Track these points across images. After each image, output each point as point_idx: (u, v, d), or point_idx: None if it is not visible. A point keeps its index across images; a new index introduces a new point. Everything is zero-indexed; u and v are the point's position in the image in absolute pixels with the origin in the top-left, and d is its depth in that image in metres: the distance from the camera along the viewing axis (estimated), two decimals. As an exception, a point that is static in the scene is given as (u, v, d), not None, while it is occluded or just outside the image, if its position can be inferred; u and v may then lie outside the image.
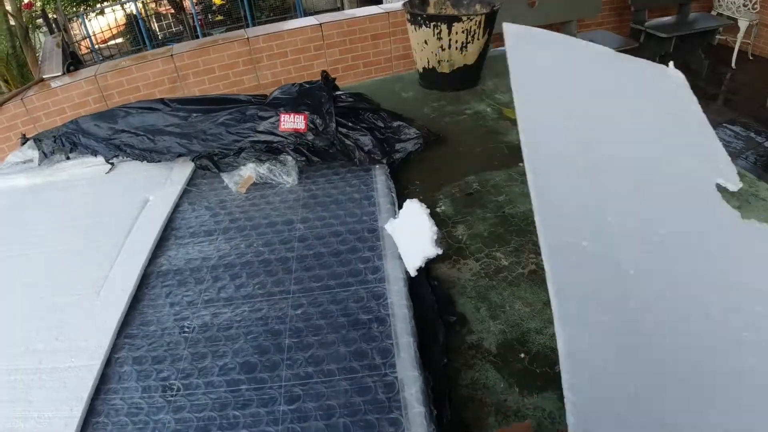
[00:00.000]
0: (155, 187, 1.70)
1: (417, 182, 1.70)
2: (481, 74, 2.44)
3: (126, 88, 3.09)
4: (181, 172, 1.74)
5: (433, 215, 1.52)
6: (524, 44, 1.52)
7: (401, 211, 1.41)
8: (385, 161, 1.63)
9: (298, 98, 1.66)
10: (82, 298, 1.34)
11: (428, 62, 2.29)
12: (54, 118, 3.00)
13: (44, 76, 3.18)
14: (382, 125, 1.69)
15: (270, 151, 1.61)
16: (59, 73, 3.16)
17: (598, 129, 1.31)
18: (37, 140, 2.03)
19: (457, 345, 1.20)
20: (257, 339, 1.19)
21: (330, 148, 1.61)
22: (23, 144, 2.10)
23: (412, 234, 1.36)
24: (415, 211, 1.38)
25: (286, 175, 1.58)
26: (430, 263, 1.36)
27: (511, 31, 1.52)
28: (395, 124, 1.69)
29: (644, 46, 4.21)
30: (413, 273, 1.30)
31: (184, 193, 1.66)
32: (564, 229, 0.98)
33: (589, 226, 1.01)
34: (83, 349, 1.22)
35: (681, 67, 1.72)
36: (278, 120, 1.61)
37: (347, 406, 1.05)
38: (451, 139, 1.94)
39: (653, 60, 1.71)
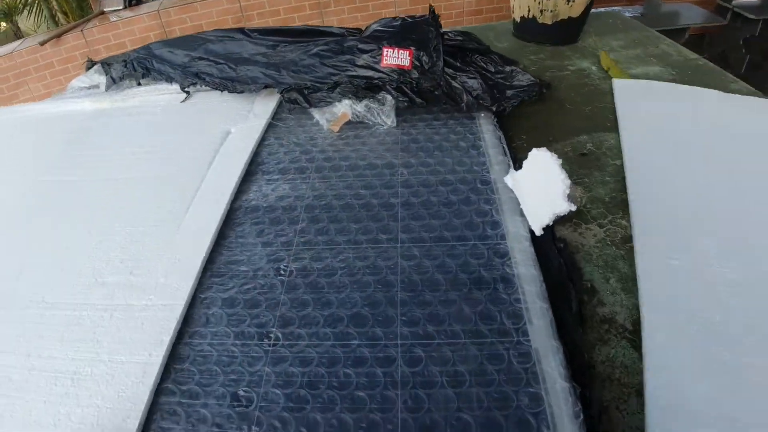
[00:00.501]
0: (236, 120, 1.55)
1: (523, 136, 1.50)
2: (582, 31, 2.21)
3: (188, 26, 2.94)
4: (264, 105, 1.58)
5: (546, 174, 1.33)
6: (632, 94, 1.59)
7: (526, 161, 1.22)
8: (494, 108, 1.44)
9: (402, 33, 1.48)
10: (161, 230, 1.20)
11: (528, 11, 2.07)
12: (114, 52, 2.87)
13: (105, 9, 3.05)
14: (493, 69, 1.50)
15: (369, 88, 1.43)
16: (120, 7, 3.02)
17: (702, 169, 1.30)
18: (105, 64, 1.89)
19: (588, 317, 1.02)
20: (366, 289, 1.04)
21: (435, 89, 1.42)
22: (89, 68, 1.96)
23: (539, 187, 1.18)
24: (543, 161, 1.19)
25: (384, 115, 1.40)
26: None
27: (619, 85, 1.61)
28: (507, 69, 1.50)
29: (730, 25, 3.88)
30: (539, 231, 1.13)
31: (269, 128, 1.50)
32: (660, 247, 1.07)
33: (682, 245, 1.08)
34: (163, 286, 1.08)
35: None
36: (380, 54, 1.43)
37: (479, 375, 0.89)
38: (556, 95, 1.73)
39: (737, 42, 1.54)
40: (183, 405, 0.90)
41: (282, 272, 1.09)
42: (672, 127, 1.41)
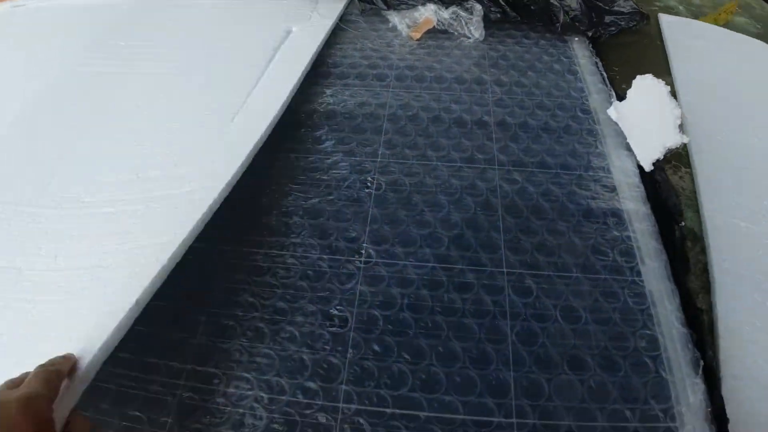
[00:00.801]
0: (298, 18, 1.38)
1: (615, 68, 1.37)
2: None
3: None
4: (330, 3, 1.41)
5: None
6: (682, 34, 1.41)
7: (630, 90, 1.10)
8: (590, 34, 1.30)
9: (499, -67, 1.30)
10: (210, 125, 1.06)
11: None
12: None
13: None
14: (594, -10, 1.34)
15: (458, -6, 1.28)
16: None
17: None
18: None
19: (691, 263, 0.94)
20: (467, 210, 0.94)
21: (532, 3, 1.27)
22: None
23: (646, 119, 1.07)
24: (651, 89, 1.08)
25: (472, 26, 1.25)
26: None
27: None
28: (609, -8, 1.34)
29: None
30: (648, 167, 1.03)
31: (338, 31, 1.34)
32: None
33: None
34: (208, 172, 0.95)
35: None
36: (474, -45, 1.26)
37: (594, 311, 0.82)
38: (646, 29, 1.58)
39: None
40: (266, 321, 0.81)
41: (369, 184, 0.98)
42: (728, 76, 1.28)
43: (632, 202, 0.98)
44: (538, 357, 0.77)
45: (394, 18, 1.31)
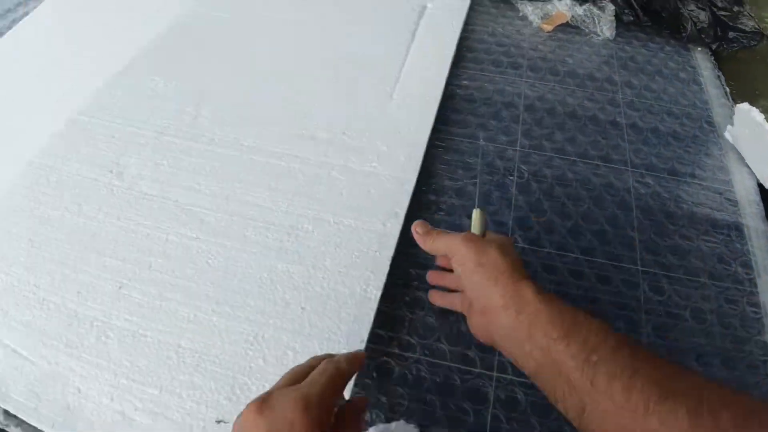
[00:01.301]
0: (430, -8, 1.42)
1: (732, 83, 1.41)
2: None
3: None
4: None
5: (751, 126, 1.26)
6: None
7: (734, 116, 1.16)
8: (713, 47, 1.33)
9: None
10: (371, 98, 1.13)
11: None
12: None
13: None
14: (720, 4, 1.36)
15: (594, -8, 1.31)
16: None
17: None
18: None
19: None
20: (604, 206, 1.01)
21: (664, 11, 1.30)
22: None
23: (754, 144, 1.12)
24: (746, 116, 1.13)
25: (604, 25, 1.29)
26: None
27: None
28: (735, 8, 1.36)
29: None
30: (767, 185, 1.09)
31: (470, 13, 1.38)
32: None
33: None
34: (386, 156, 1.04)
35: None
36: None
37: (719, 315, 0.91)
38: (765, 49, 1.60)
39: None
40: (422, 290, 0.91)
41: (511, 172, 1.06)
42: None
43: (751, 218, 1.04)
44: (671, 348, 0.86)
45: (527, 8, 1.35)
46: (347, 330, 0.81)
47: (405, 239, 0.92)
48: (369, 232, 0.93)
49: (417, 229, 0.72)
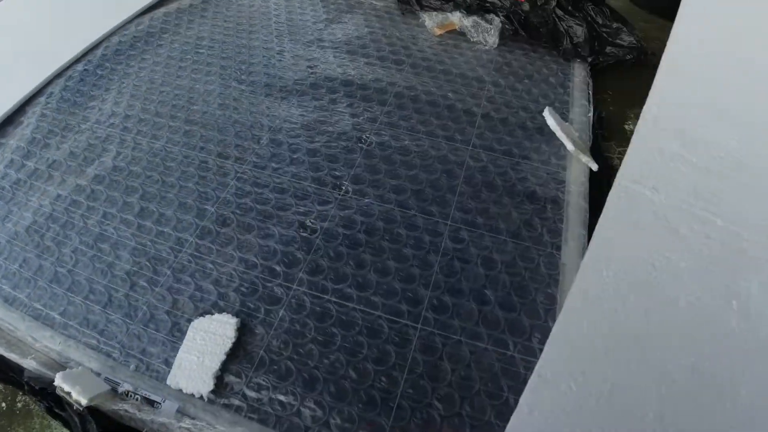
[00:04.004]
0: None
1: (610, 92, 1.55)
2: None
3: None
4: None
5: (621, 132, 1.40)
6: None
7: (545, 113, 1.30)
8: (590, 60, 1.49)
9: (525, -39, 1.51)
10: None
11: (654, -24, 2.03)
12: None
13: None
14: (600, 21, 1.53)
15: (482, 8, 1.50)
16: None
17: None
18: None
19: None
20: (433, 174, 1.17)
21: (542, 27, 1.47)
22: None
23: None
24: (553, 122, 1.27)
25: (488, 35, 1.47)
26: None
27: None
28: (614, 25, 1.53)
29: None
30: (595, 167, 1.22)
31: (378, 20, 1.59)
32: None
33: None
34: None
35: None
36: (499, -23, 1.48)
37: (509, 266, 1.03)
38: (655, 64, 1.74)
39: None
40: (258, 221, 1.07)
41: (363, 141, 1.22)
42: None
43: (574, 196, 1.17)
44: (453, 287, 0.99)
45: (425, 17, 1.54)
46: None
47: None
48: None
49: None
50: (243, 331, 0.91)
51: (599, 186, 1.22)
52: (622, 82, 1.49)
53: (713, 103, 1.13)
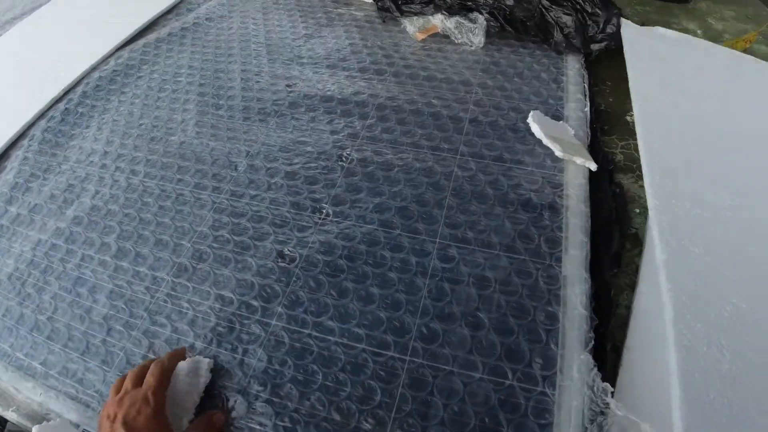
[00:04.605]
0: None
1: (609, 83, 1.46)
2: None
3: None
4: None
5: (622, 123, 1.31)
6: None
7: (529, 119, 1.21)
8: (582, 50, 1.40)
9: (504, -45, 1.43)
10: None
11: (651, -44, 1.92)
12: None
13: None
14: (590, 10, 1.44)
15: (463, 7, 1.42)
16: None
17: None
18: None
19: (625, 263, 1.04)
20: (418, 188, 1.10)
21: (528, 20, 1.39)
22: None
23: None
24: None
25: (473, 35, 1.40)
26: (615, 170, 1.18)
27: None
28: (604, 12, 1.43)
29: None
30: (594, 167, 1.13)
31: (359, 28, 1.53)
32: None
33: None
34: None
35: None
36: (479, -26, 1.40)
37: (504, 284, 0.95)
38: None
39: None
40: (235, 253, 1.02)
41: (344, 159, 1.16)
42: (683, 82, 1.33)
43: (574, 200, 1.09)
44: (442, 312, 0.91)
45: (405, 22, 1.48)
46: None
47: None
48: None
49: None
50: (220, 374, 0.86)
51: (600, 186, 1.13)
52: (621, 71, 1.39)
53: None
